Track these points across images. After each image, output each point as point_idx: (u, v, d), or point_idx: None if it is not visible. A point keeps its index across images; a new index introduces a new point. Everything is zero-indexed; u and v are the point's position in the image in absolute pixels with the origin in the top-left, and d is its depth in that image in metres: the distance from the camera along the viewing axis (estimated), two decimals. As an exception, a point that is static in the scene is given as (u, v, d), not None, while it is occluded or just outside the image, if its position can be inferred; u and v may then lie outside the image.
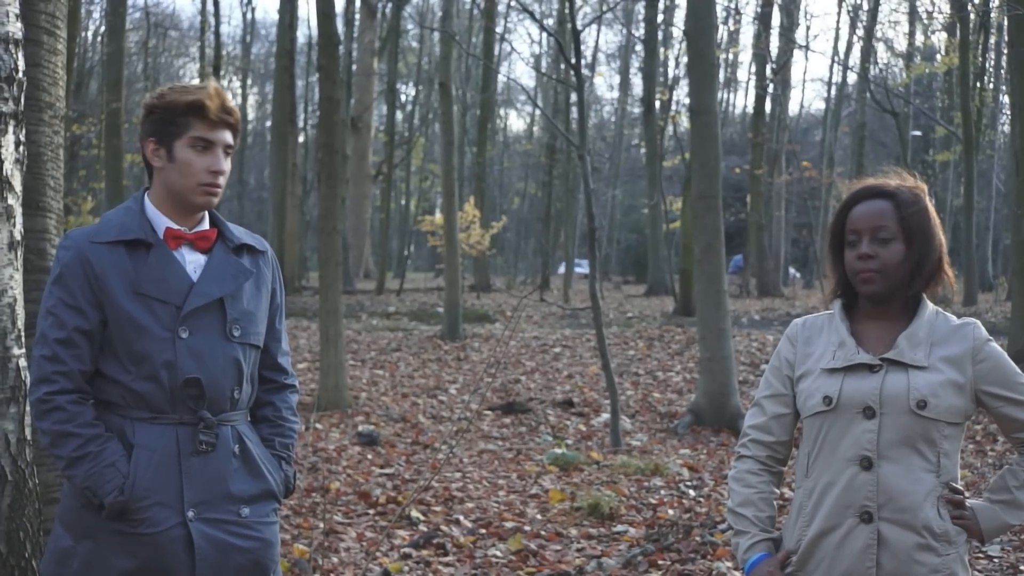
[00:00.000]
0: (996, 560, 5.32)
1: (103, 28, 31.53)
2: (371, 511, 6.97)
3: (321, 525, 6.32)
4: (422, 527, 6.50)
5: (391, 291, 32.64)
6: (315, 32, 28.36)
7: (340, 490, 7.49)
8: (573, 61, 10.52)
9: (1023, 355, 11.76)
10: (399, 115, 43.80)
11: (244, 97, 51.73)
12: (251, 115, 54.94)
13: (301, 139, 38.61)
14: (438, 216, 30.02)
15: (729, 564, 5.53)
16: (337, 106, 12.40)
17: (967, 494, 2.62)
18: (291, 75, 31.36)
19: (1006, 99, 34.22)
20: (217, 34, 27.54)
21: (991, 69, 37.64)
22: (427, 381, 13.98)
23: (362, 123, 37.82)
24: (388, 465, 8.68)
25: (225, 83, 42.82)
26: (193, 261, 2.75)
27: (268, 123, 47.61)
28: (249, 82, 52.01)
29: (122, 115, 27.64)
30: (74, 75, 26.64)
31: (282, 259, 30.57)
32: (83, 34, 33.57)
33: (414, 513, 6.77)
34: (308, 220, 36.62)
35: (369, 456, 9.06)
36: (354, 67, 34.05)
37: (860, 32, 38.27)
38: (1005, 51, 27.58)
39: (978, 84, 32.90)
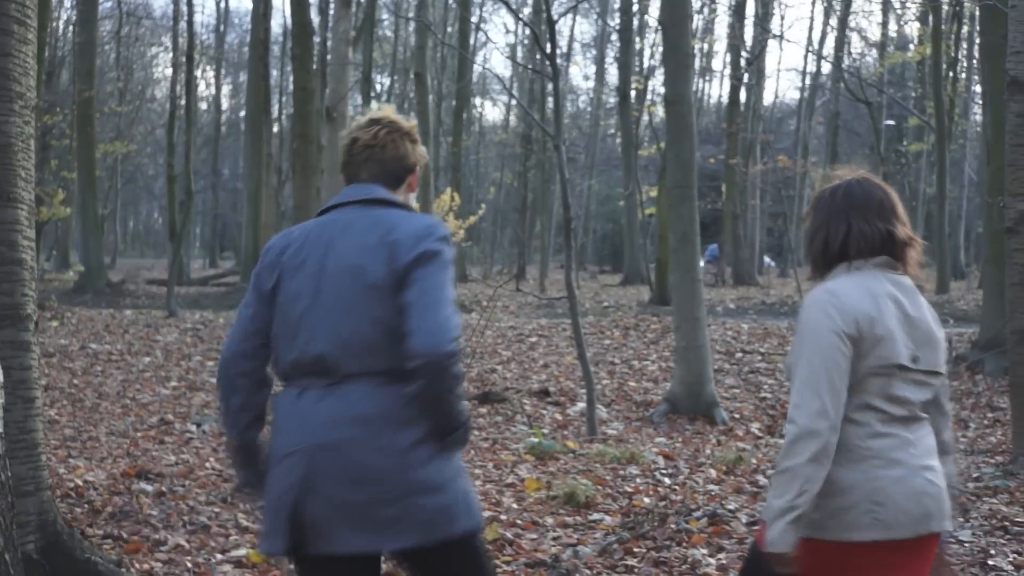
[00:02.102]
0: (968, 544, 5.37)
1: (75, 17, 31.29)
2: (347, 501, 6.96)
3: (297, 516, 6.31)
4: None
5: (366, 281, 32.55)
6: (290, 21, 28.27)
7: (316, 481, 7.48)
8: (548, 51, 10.51)
9: (995, 343, 11.87)
10: (374, 105, 43.61)
11: (218, 87, 51.50)
12: (225, 105, 54.68)
13: (276, 129, 38.44)
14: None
15: (704, 551, 5.56)
16: (311, 96, 12.38)
17: None
18: (265, 65, 31.16)
19: (978, 88, 34.43)
20: (190, 23, 27.35)
21: (963, 59, 37.84)
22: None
23: (337, 113, 37.62)
24: (364, 455, 8.66)
25: (198, 73, 42.55)
26: None
27: (242, 113, 47.38)
28: (223, 72, 51.76)
29: (94, 104, 27.46)
30: (45, 64, 26.44)
31: (257, 250, 30.46)
32: (54, 23, 33.31)
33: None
34: (283, 211, 36.48)
35: (345, 446, 9.05)
36: (329, 57, 33.92)
37: (834, 22, 38.44)
38: (977, 40, 27.72)
39: (951, 74, 33.07)
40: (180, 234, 24.40)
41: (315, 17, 29.80)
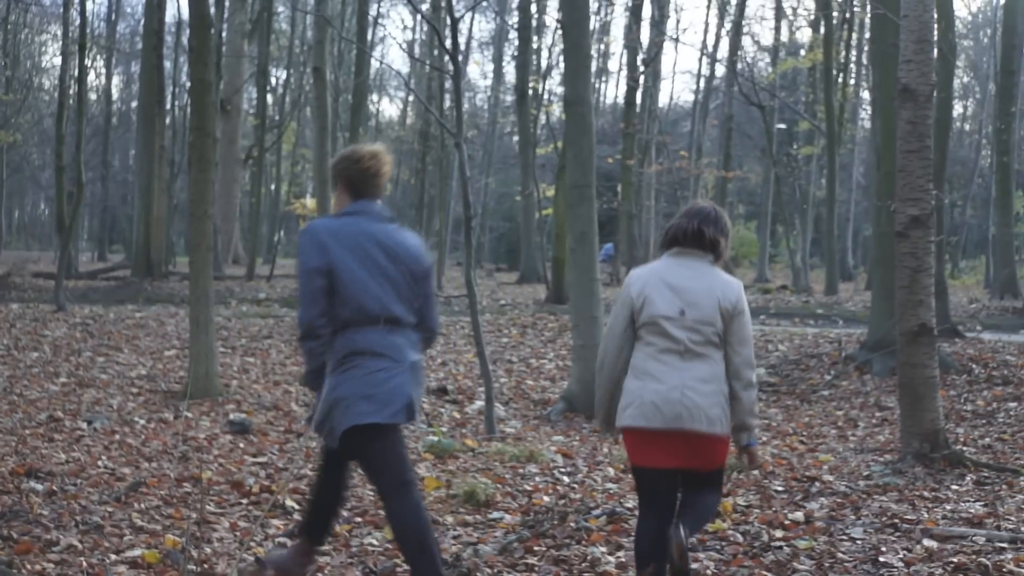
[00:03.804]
0: (859, 542, 5.50)
1: (-41, 3, 30.30)
2: (244, 500, 6.88)
3: (193, 515, 6.23)
4: (296, 516, 6.45)
5: (261, 277, 32.16)
6: (183, 11, 27.71)
7: (212, 479, 7.37)
8: (450, 47, 10.49)
9: (883, 343, 12.17)
10: (270, 98, 43.07)
11: (108, 77, 50.34)
12: (116, 95, 53.46)
13: (168, 121, 37.68)
14: (311, 201, 29.70)
15: (603, 549, 5.62)
16: (209, 89, 12.15)
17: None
18: (159, 56, 30.57)
19: (867, 94, 35.29)
20: (83, 11, 26.59)
21: (853, 65, 38.75)
22: (299, 368, 13.84)
23: (232, 106, 37.17)
24: (261, 454, 8.58)
25: (89, 62, 41.49)
26: None
27: (134, 104, 46.33)
28: (114, 62, 50.59)
29: (-20, 93, 26.62)
30: (-72, 50, 25.58)
31: (148, 244, 29.86)
32: (-63, 8, 32.23)
33: (288, 502, 6.71)
34: (176, 204, 35.83)
35: (241, 445, 8.94)
36: (224, 49, 33.41)
37: (728, 26, 39.04)
38: (867, 48, 28.39)
39: (840, 79, 33.82)
40: (69, 226, 23.79)
41: (211, 9, 29.38)
